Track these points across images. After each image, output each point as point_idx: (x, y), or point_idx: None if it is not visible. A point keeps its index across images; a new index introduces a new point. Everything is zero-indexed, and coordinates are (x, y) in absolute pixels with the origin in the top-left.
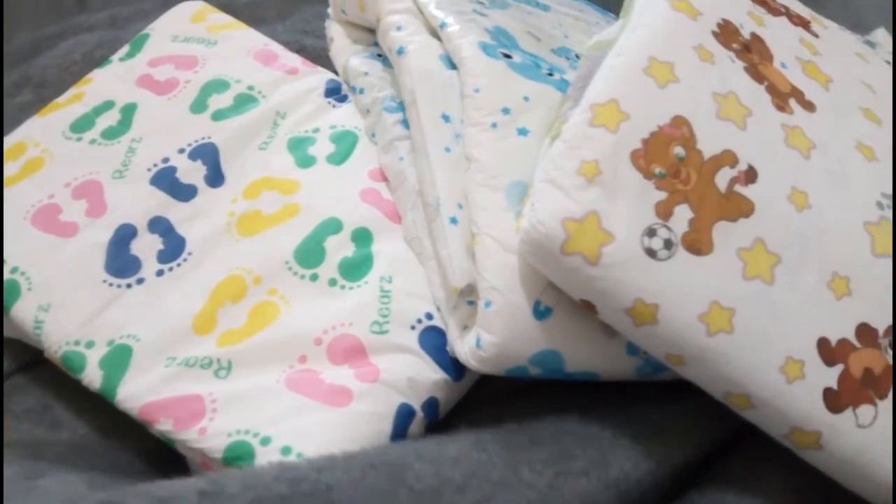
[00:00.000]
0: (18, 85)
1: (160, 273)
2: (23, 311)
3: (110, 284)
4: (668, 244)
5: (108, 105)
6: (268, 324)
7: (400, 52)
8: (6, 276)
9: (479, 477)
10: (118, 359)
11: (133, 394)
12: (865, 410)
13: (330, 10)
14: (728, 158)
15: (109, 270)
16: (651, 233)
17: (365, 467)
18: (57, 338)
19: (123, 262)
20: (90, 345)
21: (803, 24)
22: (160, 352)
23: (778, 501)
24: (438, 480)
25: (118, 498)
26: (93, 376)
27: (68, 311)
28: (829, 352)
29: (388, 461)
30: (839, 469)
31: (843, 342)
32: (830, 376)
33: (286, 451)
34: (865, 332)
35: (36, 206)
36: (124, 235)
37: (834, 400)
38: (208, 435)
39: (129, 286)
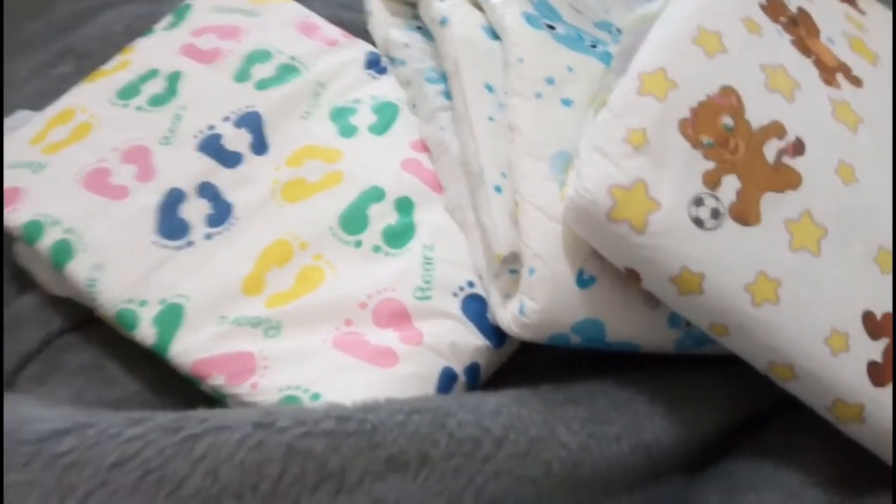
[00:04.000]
0: (61, 55)
1: (209, 237)
2: (76, 270)
3: (161, 246)
4: (715, 214)
5: (153, 73)
6: (314, 287)
7: (443, 22)
8: (59, 235)
9: (517, 430)
10: (171, 316)
11: (185, 349)
12: None
13: None
14: (776, 130)
15: (160, 232)
16: (698, 202)
17: (409, 411)
18: (110, 296)
19: (173, 225)
20: (143, 303)
21: (849, 0)
22: (211, 311)
23: (815, 473)
24: (479, 430)
25: (180, 422)
26: (146, 333)
27: (121, 270)
28: (874, 325)
29: (431, 407)
30: (880, 443)
31: (888, 316)
32: (875, 350)
33: None
34: None
35: (86, 168)
36: (174, 199)
37: (878, 373)
38: (260, 389)
39: (178, 248)
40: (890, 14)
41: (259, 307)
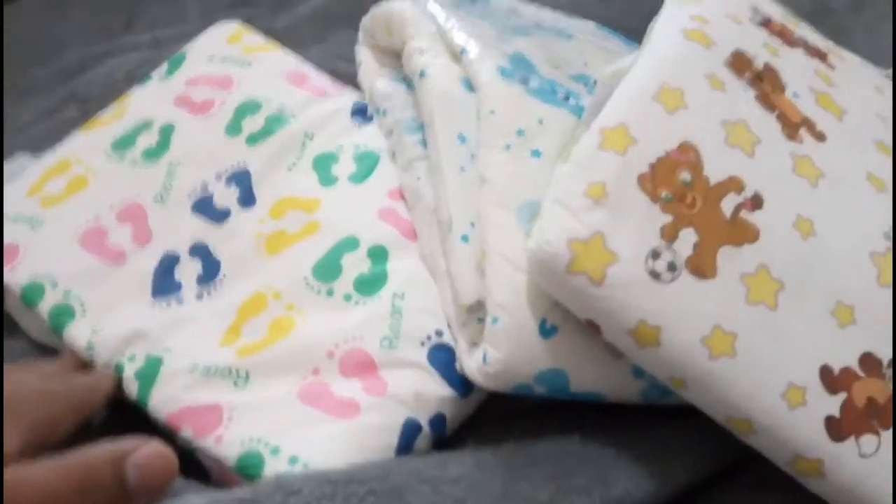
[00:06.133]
0: (65, 101)
1: (199, 296)
2: (76, 333)
3: (154, 306)
4: (671, 267)
5: (147, 125)
6: (284, 335)
7: (422, 74)
8: (59, 299)
9: (478, 491)
10: (150, 369)
11: (161, 402)
12: (868, 440)
13: (360, 35)
14: (734, 184)
15: (155, 295)
16: (655, 255)
17: (364, 494)
18: (105, 356)
19: (167, 285)
20: (131, 358)
21: (820, 56)
22: (185, 361)
23: None
24: (439, 498)
25: None
26: (130, 387)
27: (116, 330)
28: (831, 380)
29: (389, 487)
30: (841, 498)
31: (847, 370)
32: (833, 404)
33: (293, 460)
34: (869, 361)
35: (83, 227)
36: (169, 264)
37: (836, 428)
38: (224, 443)
39: (168, 305)
40: (864, 68)
41: (230, 357)
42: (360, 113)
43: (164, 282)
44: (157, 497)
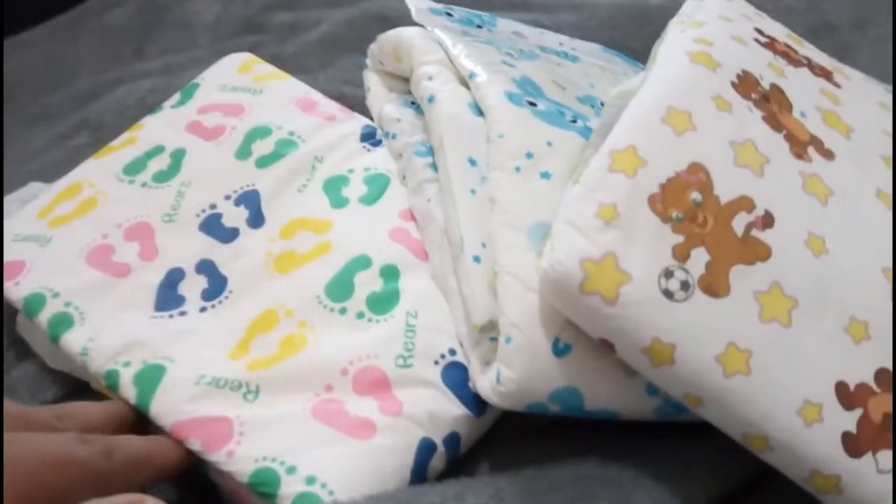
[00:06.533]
0: (77, 128)
1: (203, 310)
2: (72, 341)
3: (154, 318)
4: (684, 285)
5: (158, 150)
6: (296, 352)
7: (431, 100)
8: (59, 308)
9: None
10: (151, 375)
11: (165, 410)
12: (885, 455)
13: (368, 61)
14: (745, 204)
15: (157, 308)
16: (668, 274)
17: None
18: (99, 361)
19: (170, 299)
20: (126, 364)
21: (825, 74)
22: (192, 372)
23: None
24: None
25: None
26: (127, 392)
27: (114, 339)
28: (847, 396)
29: None
30: None
31: (862, 386)
32: (849, 420)
33: (311, 480)
34: (885, 377)
35: (90, 244)
36: (174, 279)
37: (853, 444)
38: (235, 458)
39: (171, 316)
40: (869, 84)
41: (240, 370)
42: (369, 137)
43: (168, 295)
44: None
